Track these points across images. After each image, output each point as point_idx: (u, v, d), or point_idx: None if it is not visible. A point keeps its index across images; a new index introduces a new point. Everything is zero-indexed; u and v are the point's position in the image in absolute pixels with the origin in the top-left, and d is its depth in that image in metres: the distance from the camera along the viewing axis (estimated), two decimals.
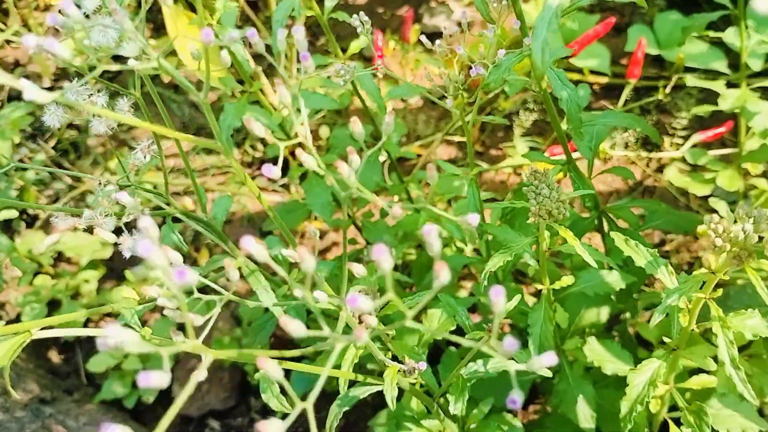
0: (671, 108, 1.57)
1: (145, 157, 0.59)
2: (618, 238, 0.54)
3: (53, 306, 1.57)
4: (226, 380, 1.48)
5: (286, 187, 1.79)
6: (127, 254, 0.60)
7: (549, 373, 0.61)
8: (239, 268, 0.64)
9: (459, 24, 1.96)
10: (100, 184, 0.63)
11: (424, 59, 1.79)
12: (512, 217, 0.78)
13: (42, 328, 0.54)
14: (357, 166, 0.43)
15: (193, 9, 1.40)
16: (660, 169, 1.47)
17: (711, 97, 1.49)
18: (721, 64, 1.39)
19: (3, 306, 1.69)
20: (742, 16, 0.99)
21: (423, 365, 0.48)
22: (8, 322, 1.69)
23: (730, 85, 1.14)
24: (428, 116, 1.80)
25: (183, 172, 1.88)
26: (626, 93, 1.33)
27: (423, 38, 0.87)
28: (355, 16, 0.88)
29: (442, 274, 0.40)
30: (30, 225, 1.79)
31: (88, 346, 1.57)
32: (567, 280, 0.66)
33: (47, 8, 2.33)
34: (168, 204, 0.67)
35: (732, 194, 1.22)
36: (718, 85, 1.13)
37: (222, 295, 0.54)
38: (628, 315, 1.04)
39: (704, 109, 1.12)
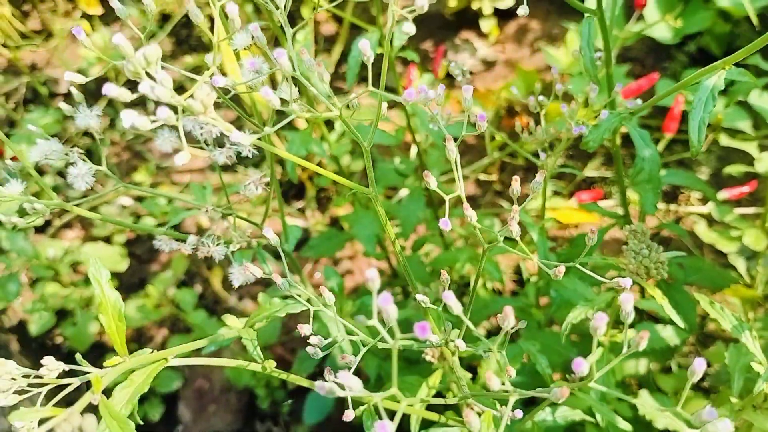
0: (691, 162, 1.60)
1: (256, 188, 0.59)
2: (703, 300, 0.55)
3: (62, 315, 1.55)
4: (233, 402, 1.47)
5: (301, 210, 1.79)
6: (236, 283, 0.59)
7: None
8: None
9: (483, 61, 1.98)
10: (207, 211, 0.63)
11: (453, 95, 1.81)
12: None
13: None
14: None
15: None
16: (677, 221, 1.49)
17: (732, 155, 1.52)
18: (746, 124, 1.42)
19: (5, 311, 1.67)
20: None
21: (519, 413, 0.48)
22: (10, 329, 1.67)
23: (762, 147, 1.17)
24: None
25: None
26: (662, 146, 1.35)
27: (456, 73, 0.88)
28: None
29: (509, 319, 0.42)
30: (40, 230, 1.78)
31: (90, 359, 1.54)
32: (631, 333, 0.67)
33: (67, 14, 2.33)
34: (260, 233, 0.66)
35: (748, 251, 1.24)
36: (750, 147, 1.16)
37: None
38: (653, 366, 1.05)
39: (737, 169, 1.14)
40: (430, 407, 0.60)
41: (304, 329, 0.55)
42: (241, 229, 0.66)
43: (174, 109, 0.33)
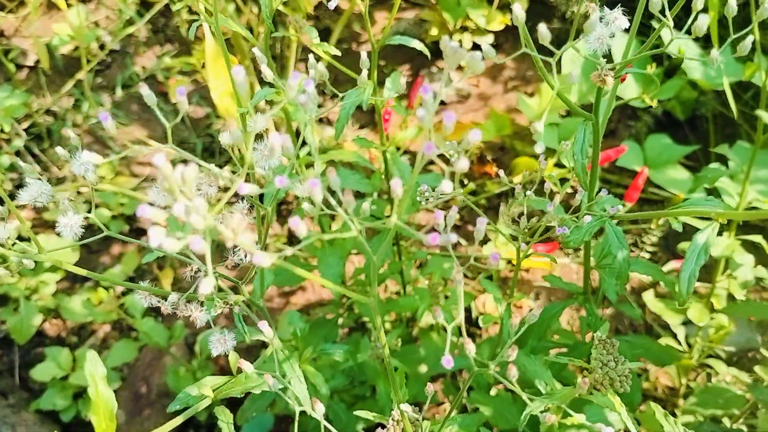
0: (643, 221, 1.65)
1: (246, 257, 0.58)
2: (658, 411, 0.59)
3: (2, 301, 1.51)
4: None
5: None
6: (215, 352, 0.59)
7: None
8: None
9: (457, 94, 2.01)
10: (192, 271, 0.62)
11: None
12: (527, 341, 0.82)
13: None
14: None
15: (233, 52, 1.40)
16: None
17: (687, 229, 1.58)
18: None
19: None
20: (745, 174, 1.06)
21: None
22: None
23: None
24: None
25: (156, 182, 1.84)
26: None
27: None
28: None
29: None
30: None
31: (27, 347, 1.51)
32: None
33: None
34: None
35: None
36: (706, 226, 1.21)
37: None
38: None
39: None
40: None
41: (269, 380, 0.56)
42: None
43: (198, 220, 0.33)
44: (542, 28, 0.51)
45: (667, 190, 1.51)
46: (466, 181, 1.77)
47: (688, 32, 0.52)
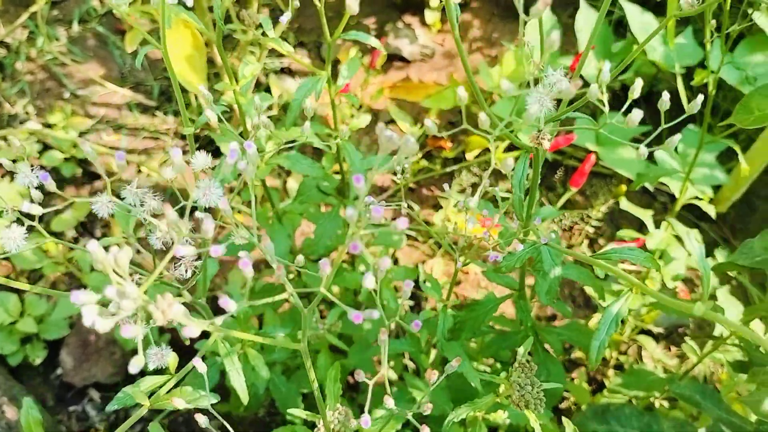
0: (590, 195, 1.70)
1: (186, 271, 0.59)
2: (569, 428, 0.63)
3: None
4: (117, 356, 1.48)
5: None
6: (152, 366, 0.60)
7: None
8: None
9: (422, 52, 2.00)
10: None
11: (389, 79, 1.82)
12: (460, 330, 0.86)
13: None
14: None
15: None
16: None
17: (628, 216, 1.64)
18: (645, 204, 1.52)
19: None
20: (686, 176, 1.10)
21: None
22: None
23: (656, 221, 1.28)
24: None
25: (114, 126, 1.82)
26: (566, 198, 1.44)
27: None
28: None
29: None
30: None
31: None
32: None
33: None
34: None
35: None
36: (646, 216, 1.26)
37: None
38: None
39: (628, 234, 1.24)
40: None
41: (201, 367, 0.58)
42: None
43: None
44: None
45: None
46: (419, 155, 1.78)
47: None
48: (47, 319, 1.43)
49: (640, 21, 1.65)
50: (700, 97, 0.55)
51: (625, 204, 1.35)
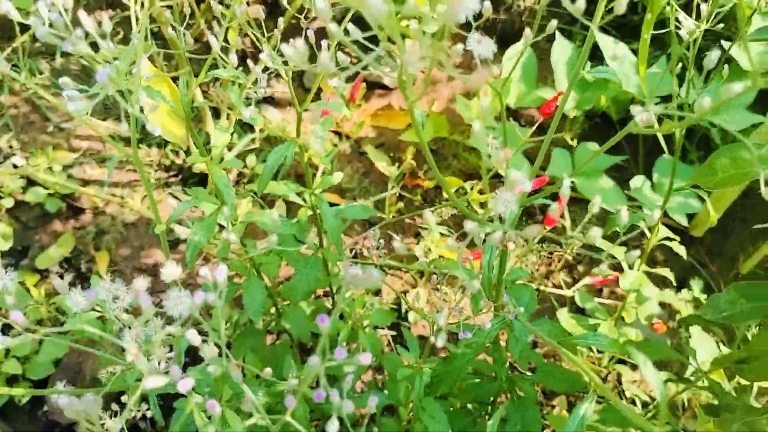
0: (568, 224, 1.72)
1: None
2: None
3: None
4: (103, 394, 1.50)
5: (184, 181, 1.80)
6: None
7: None
8: None
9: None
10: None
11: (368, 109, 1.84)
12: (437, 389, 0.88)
13: None
14: None
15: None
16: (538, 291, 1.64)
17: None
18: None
19: None
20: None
21: None
22: None
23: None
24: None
25: (97, 159, 1.83)
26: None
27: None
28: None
29: None
30: None
31: None
32: None
33: None
34: None
35: None
36: (619, 253, 1.29)
37: None
38: None
39: (602, 273, 1.26)
40: None
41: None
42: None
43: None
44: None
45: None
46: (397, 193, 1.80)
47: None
48: (33, 359, 1.44)
49: (614, 52, 1.68)
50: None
51: (599, 241, 1.38)
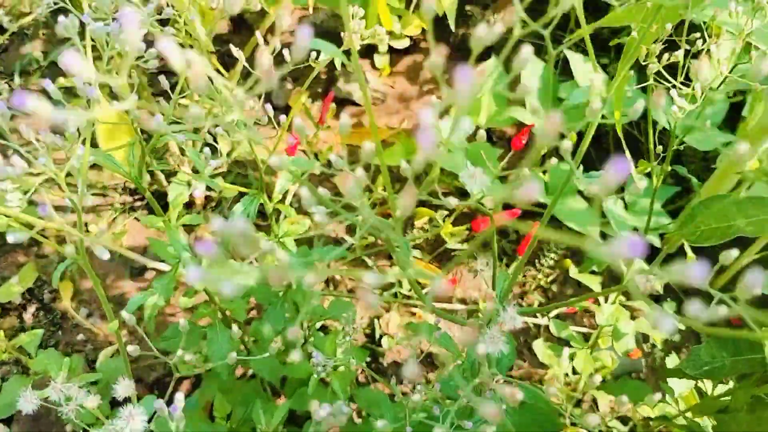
0: (543, 242, 1.71)
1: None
2: None
3: None
4: (69, 430, 1.46)
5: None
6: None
7: None
8: None
9: (373, 96, 1.99)
10: None
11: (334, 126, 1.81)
12: None
13: None
14: None
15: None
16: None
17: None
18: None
19: None
20: None
21: None
22: None
23: (603, 284, 1.29)
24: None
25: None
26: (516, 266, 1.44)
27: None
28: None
29: None
30: None
31: None
32: None
33: None
34: None
35: None
36: (594, 284, 1.27)
37: None
38: None
39: (581, 304, 1.25)
40: None
41: None
42: None
43: None
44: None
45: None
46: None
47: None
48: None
49: (583, 70, 1.67)
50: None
51: (573, 272, 1.37)
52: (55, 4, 0.69)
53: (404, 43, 1.93)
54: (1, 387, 1.38)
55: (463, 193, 1.68)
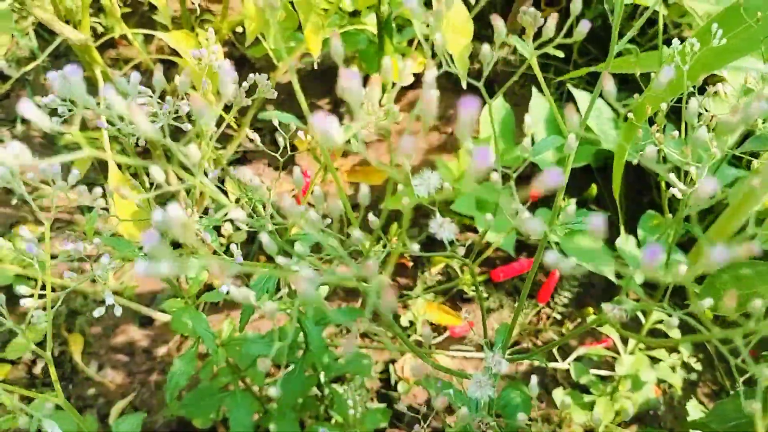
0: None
1: None
2: None
3: None
4: None
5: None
6: None
7: None
8: None
9: (378, 133, 1.97)
10: None
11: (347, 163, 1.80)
12: None
13: None
14: None
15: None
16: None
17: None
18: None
19: None
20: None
21: None
22: None
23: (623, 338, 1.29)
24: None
25: (68, 230, 1.77)
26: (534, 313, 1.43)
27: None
28: None
29: None
30: None
31: None
32: None
33: None
34: None
35: None
36: (613, 333, 1.26)
37: None
38: None
39: (597, 353, 1.24)
40: None
41: None
42: None
43: None
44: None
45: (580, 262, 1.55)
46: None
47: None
48: None
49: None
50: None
51: (592, 318, 1.35)
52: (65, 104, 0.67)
53: (408, 80, 1.92)
54: None
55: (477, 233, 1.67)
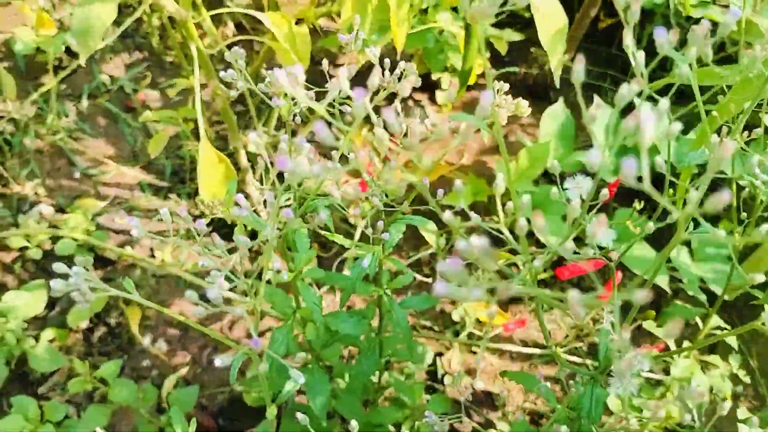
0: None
1: None
2: None
3: None
4: None
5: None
6: None
7: None
8: None
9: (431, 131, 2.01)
10: None
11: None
12: None
13: None
14: None
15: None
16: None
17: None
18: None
19: None
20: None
21: None
22: None
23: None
24: None
25: (126, 208, 1.81)
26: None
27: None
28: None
29: None
30: None
31: None
32: None
33: None
34: None
35: None
36: (669, 339, 1.28)
37: None
38: None
39: (650, 353, 1.26)
40: None
41: None
42: None
43: None
44: None
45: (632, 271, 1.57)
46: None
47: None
48: (69, 427, 1.40)
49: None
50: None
51: (648, 324, 1.37)
52: None
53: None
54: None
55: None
